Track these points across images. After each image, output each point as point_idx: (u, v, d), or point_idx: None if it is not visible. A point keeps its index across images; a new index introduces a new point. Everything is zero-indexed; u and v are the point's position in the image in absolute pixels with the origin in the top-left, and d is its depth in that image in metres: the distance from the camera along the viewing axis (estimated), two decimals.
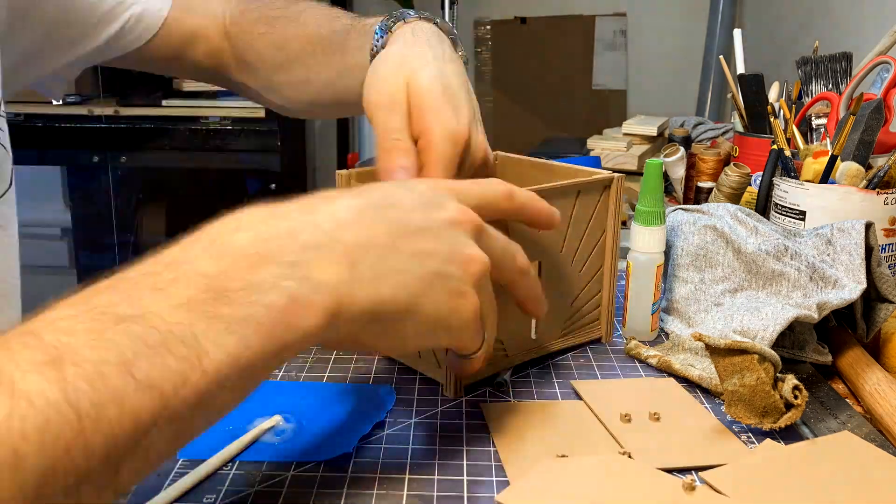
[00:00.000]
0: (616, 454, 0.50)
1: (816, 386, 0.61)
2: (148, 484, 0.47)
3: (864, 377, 0.59)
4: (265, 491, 0.47)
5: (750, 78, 1.06)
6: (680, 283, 0.71)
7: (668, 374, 0.63)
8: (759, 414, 0.53)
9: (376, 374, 0.62)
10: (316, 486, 0.47)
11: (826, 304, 0.63)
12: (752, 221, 0.72)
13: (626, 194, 1.23)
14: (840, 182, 0.78)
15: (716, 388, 0.59)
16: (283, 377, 0.61)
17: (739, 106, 1.10)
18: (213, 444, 0.50)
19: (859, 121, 0.79)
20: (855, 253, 0.65)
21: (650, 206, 0.66)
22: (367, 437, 0.52)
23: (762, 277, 0.67)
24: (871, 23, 1.46)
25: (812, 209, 0.77)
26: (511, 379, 0.62)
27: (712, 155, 1.16)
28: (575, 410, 0.56)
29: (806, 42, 1.32)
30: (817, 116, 0.96)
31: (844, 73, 1.00)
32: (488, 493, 0.47)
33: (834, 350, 0.65)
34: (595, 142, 1.45)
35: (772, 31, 2.09)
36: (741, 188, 0.97)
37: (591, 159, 0.88)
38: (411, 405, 0.57)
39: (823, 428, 0.55)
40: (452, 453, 0.51)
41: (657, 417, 0.55)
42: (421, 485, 0.47)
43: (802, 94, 1.01)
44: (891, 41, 1.02)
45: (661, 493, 0.45)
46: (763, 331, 0.61)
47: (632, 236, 0.68)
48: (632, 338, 0.67)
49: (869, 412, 0.57)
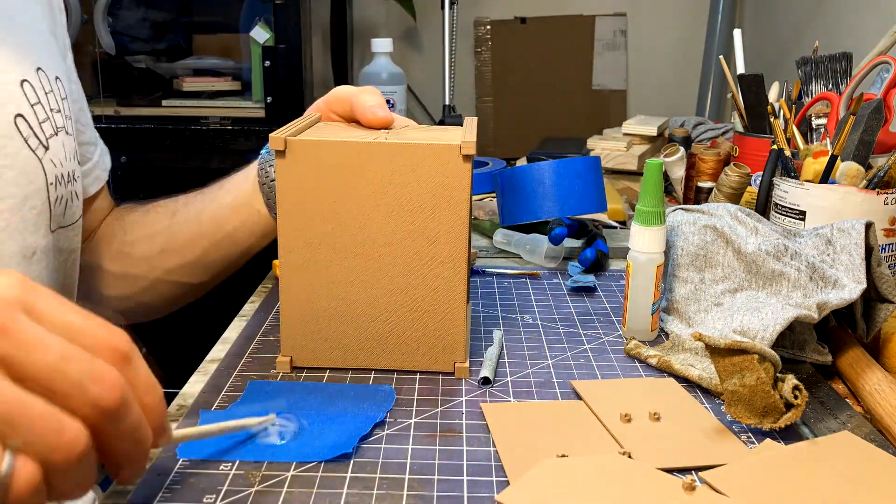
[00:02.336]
0: (616, 454, 0.50)
1: (816, 386, 0.61)
2: (148, 484, 0.47)
3: (864, 377, 0.59)
4: (265, 491, 0.47)
5: (750, 78, 1.07)
6: (680, 283, 0.71)
7: (668, 374, 0.63)
8: (759, 414, 0.53)
9: (376, 374, 0.62)
10: (316, 486, 0.47)
11: (826, 304, 0.63)
12: (752, 221, 0.72)
13: (626, 194, 1.23)
14: (840, 182, 0.78)
15: (716, 388, 0.59)
16: (282, 377, 0.61)
17: (739, 106, 1.10)
18: (212, 444, 0.50)
19: (859, 121, 0.79)
20: (855, 253, 0.65)
21: (650, 206, 0.66)
22: (367, 437, 0.52)
23: (762, 277, 0.67)
24: (871, 23, 1.46)
25: (812, 209, 0.77)
26: (511, 379, 0.62)
27: (712, 155, 1.16)
28: (575, 410, 0.56)
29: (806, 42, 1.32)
30: (817, 116, 0.96)
31: (844, 73, 1.00)
32: (488, 493, 0.47)
33: (834, 350, 0.65)
34: (595, 142, 1.45)
35: (772, 31, 2.09)
36: (741, 188, 0.97)
37: (591, 159, 0.88)
38: (411, 405, 0.57)
39: (823, 428, 0.55)
40: (452, 453, 0.51)
41: (657, 417, 0.55)
42: (421, 485, 0.47)
43: (802, 94, 1.01)
44: (891, 41, 1.02)
45: (661, 493, 0.45)
46: (763, 331, 0.61)
47: (632, 236, 0.68)
48: (632, 338, 0.67)
49: (869, 412, 0.57)
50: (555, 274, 0.88)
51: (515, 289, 0.83)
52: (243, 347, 0.67)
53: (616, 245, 0.95)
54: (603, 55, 2.60)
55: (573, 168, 0.86)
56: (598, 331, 0.72)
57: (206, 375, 0.62)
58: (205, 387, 0.60)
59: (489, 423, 0.54)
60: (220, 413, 0.55)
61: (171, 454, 0.50)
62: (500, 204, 0.92)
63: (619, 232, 1.04)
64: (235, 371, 0.62)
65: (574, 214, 0.87)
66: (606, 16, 2.57)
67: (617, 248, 0.94)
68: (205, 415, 0.55)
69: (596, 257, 0.86)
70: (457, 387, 0.60)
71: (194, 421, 0.54)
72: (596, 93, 2.62)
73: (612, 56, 2.59)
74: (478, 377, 0.61)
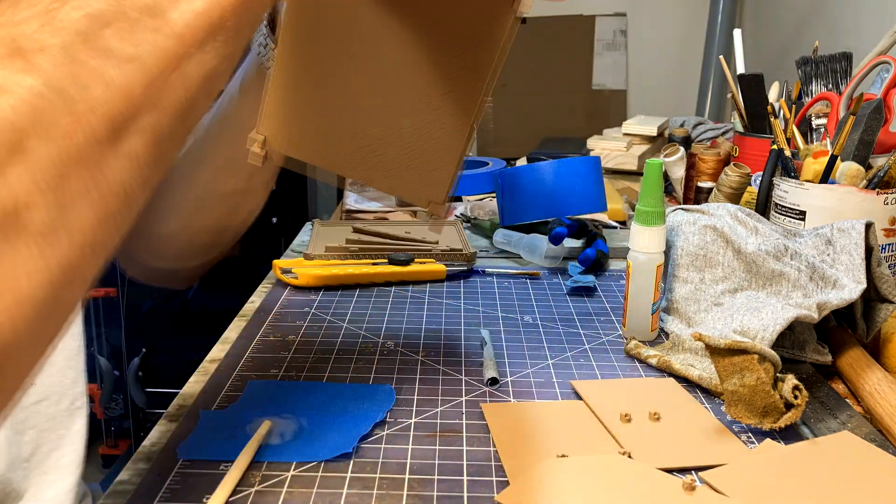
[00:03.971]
0: (616, 454, 0.50)
1: (816, 386, 0.61)
2: (148, 484, 0.47)
3: (864, 377, 0.59)
4: (265, 491, 0.47)
5: (750, 78, 1.07)
6: (680, 283, 0.71)
7: (668, 374, 0.63)
8: (759, 414, 0.53)
9: (376, 374, 0.62)
10: (316, 486, 0.47)
11: (826, 304, 0.63)
12: (752, 221, 0.72)
13: (626, 194, 1.23)
14: (840, 182, 0.78)
15: (716, 388, 0.59)
16: (283, 377, 0.61)
17: (739, 106, 1.10)
18: (212, 444, 0.50)
19: (859, 121, 0.79)
20: (855, 253, 0.65)
21: (650, 206, 0.66)
22: (367, 437, 0.52)
23: (762, 277, 0.67)
24: (871, 23, 1.46)
25: (812, 209, 0.77)
26: (511, 379, 0.62)
27: (712, 155, 1.16)
28: (575, 410, 0.56)
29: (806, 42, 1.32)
30: (817, 116, 0.96)
31: (844, 73, 1.00)
32: (488, 493, 0.47)
33: (834, 350, 0.65)
34: (595, 142, 1.45)
35: (772, 31, 2.09)
36: (741, 188, 0.97)
37: (591, 159, 0.88)
38: (411, 405, 0.57)
39: (823, 428, 0.55)
40: (452, 453, 0.51)
41: (657, 417, 0.55)
42: (421, 485, 0.47)
43: (802, 94, 1.01)
44: (891, 41, 1.02)
45: (661, 493, 0.45)
46: (763, 331, 0.61)
47: (632, 236, 0.68)
48: (632, 338, 0.67)
49: (869, 412, 0.57)
50: (555, 274, 0.88)
51: (515, 289, 0.83)
52: (243, 347, 0.67)
53: (616, 245, 0.95)
54: (603, 55, 2.60)
55: (573, 168, 0.86)
56: (598, 331, 0.72)
57: (206, 375, 0.62)
58: (205, 387, 0.60)
59: (489, 423, 0.54)
60: (221, 413, 0.55)
61: (171, 454, 0.50)
62: (500, 204, 0.92)
63: (619, 232, 1.04)
64: (235, 371, 0.62)
65: (574, 214, 0.87)
66: (606, 16, 2.57)
67: (617, 248, 0.94)
68: (205, 415, 0.55)
69: (596, 257, 0.86)
70: (457, 387, 0.60)
71: (194, 421, 0.54)
72: (596, 93, 2.62)
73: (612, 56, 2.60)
74: (483, 379, 0.61)
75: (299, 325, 0.72)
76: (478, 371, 0.63)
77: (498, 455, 0.50)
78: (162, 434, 0.53)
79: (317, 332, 0.71)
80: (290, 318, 0.74)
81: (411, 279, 0.84)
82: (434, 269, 0.85)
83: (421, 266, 0.85)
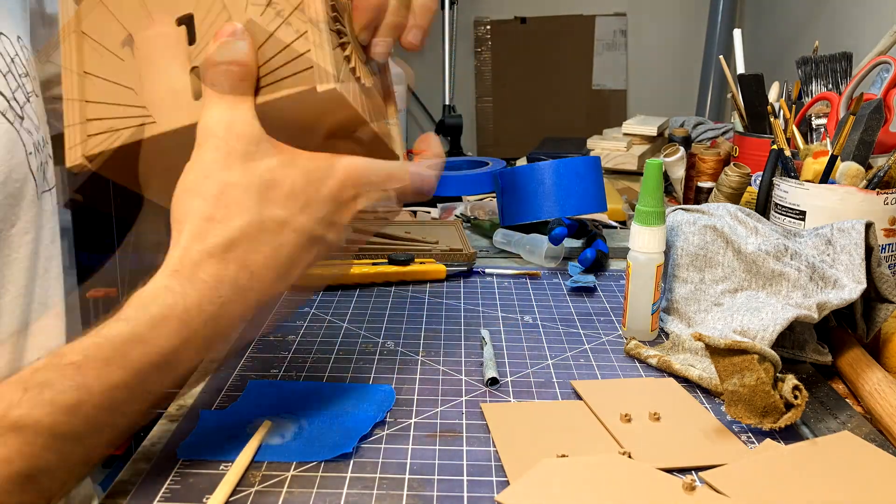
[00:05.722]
0: (616, 454, 0.50)
1: (816, 386, 0.61)
2: (148, 484, 0.47)
3: (864, 377, 0.59)
4: (265, 491, 0.47)
5: (750, 78, 1.07)
6: (680, 283, 0.71)
7: (668, 374, 0.63)
8: (759, 414, 0.53)
9: (376, 374, 0.62)
10: (316, 486, 0.47)
11: (826, 304, 0.63)
12: (752, 221, 0.72)
13: (626, 194, 1.23)
14: (840, 182, 0.78)
15: (716, 388, 0.59)
16: (283, 377, 0.61)
17: (739, 106, 1.10)
18: (212, 444, 0.50)
19: (859, 121, 0.79)
20: (855, 253, 0.65)
21: (650, 206, 0.66)
22: (367, 437, 0.52)
23: (762, 277, 0.68)
24: (871, 23, 1.46)
25: (812, 209, 0.77)
26: (511, 379, 0.62)
27: (712, 155, 1.16)
28: (575, 410, 0.56)
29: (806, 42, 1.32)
30: (817, 116, 0.96)
31: (844, 73, 1.00)
32: (488, 493, 0.47)
33: (834, 350, 0.65)
34: (595, 142, 1.45)
35: (772, 31, 2.09)
36: (741, 188, 0.97)
37: (591, 159, 0.88)
38: (411, 405, 0.57)
39: (823, 428, 0.55)
40: (452, 453, 0.51)
41: (657, 417, 0.55)
42: (421, 485, 0.47)
43: (802, 94, 1.01)
44: (891, 41, 1.02)
45: (661, 493, 0.45)
46: (763, 331, 0.61)
47: (632, 236, 0.68)
48: (632, 338, 0.67)
49: (869, 412, 0.57)
50: (555, 274, 0.88)
51: (515, 289, 0.83)
52: (243, 348, 0.67)
53: (616, 245, 0.95)
54: (603, 55, 2.60)
55: (573, 168, 0.86)
56: (598, 331, 0.72)
57: (206, 375, 0.62)
58: (205, 387, 0.60)
59: (489, 423, 0.54)
60: (220, 413, 0.55)
61: (171, 454, 0.50)
62: (500, 204, 0.92)
63: (619, 232, 1.04)
64: (235, 371, 0.62)
65: (574, 214, 0.87)
66: (606, 16, 2.57)
67: (617, 248, 0.94)
68: (205, 415, 0.55)
69: (596, 257, 0.86)
70: (457, 387, 0.60)
71: (194, 421, 0.54)
72: (596, 93, 2.62)
73: (612, 56, 2.60)
74: (483, 379, 0.61)
75: (299, 325, 0.72)
76: (478, 371, 0.63)
77: (498, 455, 0.50)
78: (162, 434, 0.53)
79: (317, 332, 0.71)
80: (290, 317, 0.74)
81: (411, 279, 0.84)
82: (434, 269, 0.85)
83: (421, 266, 0.85)
